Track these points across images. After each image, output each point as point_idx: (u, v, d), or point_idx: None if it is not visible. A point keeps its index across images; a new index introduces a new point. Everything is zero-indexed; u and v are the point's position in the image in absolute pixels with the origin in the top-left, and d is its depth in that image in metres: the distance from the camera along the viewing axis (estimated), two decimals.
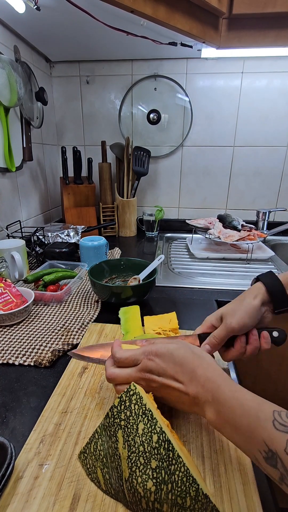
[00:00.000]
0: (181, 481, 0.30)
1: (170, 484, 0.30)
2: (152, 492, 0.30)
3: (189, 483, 0.30)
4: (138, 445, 0.32)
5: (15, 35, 1.05)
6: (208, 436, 0.41)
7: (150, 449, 0.31)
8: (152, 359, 0.39)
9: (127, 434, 0.33)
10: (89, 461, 0.36)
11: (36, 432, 0.41)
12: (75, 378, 0.51)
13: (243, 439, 0.31)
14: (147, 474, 0.31)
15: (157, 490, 0.30)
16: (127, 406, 0.34)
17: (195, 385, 0.36)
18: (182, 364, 0.38)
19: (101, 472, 0.34)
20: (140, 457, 0.31)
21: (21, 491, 0.34)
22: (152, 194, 1.51)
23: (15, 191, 1.10)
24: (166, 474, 0.30)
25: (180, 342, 0.42)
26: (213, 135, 1.37)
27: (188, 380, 0.37)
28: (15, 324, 0.67)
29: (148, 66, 1.31)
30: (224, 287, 0.87)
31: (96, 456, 0.35)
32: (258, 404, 0.32)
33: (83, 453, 0.37)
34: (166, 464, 0.30)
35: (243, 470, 0.36)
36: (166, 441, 0.31)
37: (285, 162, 1.37)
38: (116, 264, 0.88)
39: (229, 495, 0.33)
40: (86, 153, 1.46)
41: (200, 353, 0.40)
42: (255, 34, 0.96)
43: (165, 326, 0.63)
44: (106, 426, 0.35)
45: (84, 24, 0.96)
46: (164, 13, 0.84)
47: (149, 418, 0.33)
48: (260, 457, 0.29)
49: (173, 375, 0.38)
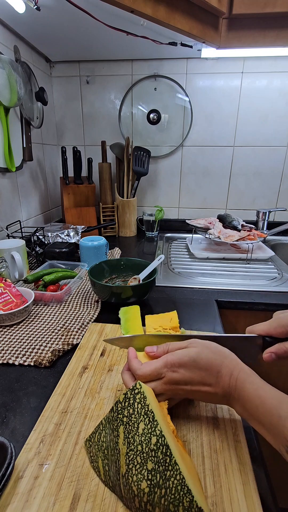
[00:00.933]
0: (175, 488, 0.29)
1: (164, 489, 0.30)
2: (145, 493, 0.30)
3: (183, 492, 0.29)
4: (137, 444, 0.32)
5: (15, 35, 1.05)
6: (208, 436, 0.41)
7: (147, 450, 0.31)
8: (176, 371, 0.39)
9: (128, 431, 0.33)
10: (92, 449, 0.37)
11: (36, 432, 0.41)
12: (75, 378, 0.51)
13: (268, 433, 0.33)
14: (142, 475, 0.31)
15: (151, 492, 0.30)
16: (131, 403, 0.35)
17: (222, 384, 0.37)
18: (208, 368, 0.38)
19: (102, 463, 0.35)
20: (138, 456, 0.31)
21: (21, 491, 0.34)
22: (152, 194, 1.51)
23: (15, 191, 1.10)
24: (161, 478, 0.30)
25: (195, 342, 0.41)
26: (213, 135, 1.37)
27: (215, 382, 0.38)
28: (15, 324, 0.67)
29: (148, 66, 1.31)
30: (224, 287, 0.87)
31: (99, 446, 0.36)
32: (279, 402, 0.33)
33: (88, 441, 0.38)
34: (162, 469, 0.30)
35: (243, 470, 0.36)
36: (164, 446, 0.31)
37: (285, 162, 1.37)
38: (116, 264, 0.88)
39: (229, 495, 0.33)
40: (86, 153, 1.46)
41: (220, 350, 0.40)
42: (255, 34, 0.96)
43: (166, 324, 0.63)
44: (110, 419, 0.36)
45: (84, 24, 0.96)
46: (164, 13, 0.84)
47: (150, 419, 0.33)
48: (283, 450, 0.32)
49: (200, 380, 0.38)
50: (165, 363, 0.39)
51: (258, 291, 0.85)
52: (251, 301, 0.80)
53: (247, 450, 0.39)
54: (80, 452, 0.38)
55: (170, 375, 0.39)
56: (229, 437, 0.41)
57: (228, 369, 0.38)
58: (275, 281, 0.94)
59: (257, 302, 0.80)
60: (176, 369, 0.39)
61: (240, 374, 0.37)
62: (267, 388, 0.35)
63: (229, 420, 0.43)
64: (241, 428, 0.42)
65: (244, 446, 0.39)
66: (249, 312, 0.82)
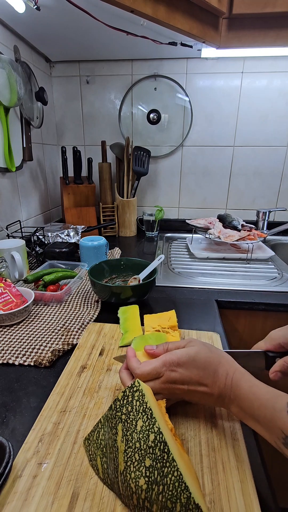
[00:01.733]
0: (173, 485, 0.30)
1: (161, 486, 0.30)
2: (143, 490, 0.30)
3: (181, 489, 0.29)
4: (135, 441, 0.32)
5: (15, 35, 1.05)
6: (206, 434, 0.41)
7: (145, 447, 0.32)
8: (175, 370, 0.39)
9: (126, 429, 0.33)
10: (91, 448, 0.37)
11: (35, 431, 0.41)
12: (74, 378, 0.51)
13: (264, 428, 0.34)
14: (140, 471, 0.31)
15: (148, 489, 0.30)
16: (129, 401, 0.35)
17: (218, 385, 0.38)
18: (205, 367, 0.38)
19: (100, 461, 0.35)
20: (136, 453, 0.32)
21: (20, 490, 0.34)
22: (152, 194, 1.51)
23: (15, 191, 1.11)
24: (159, 475, 0.30)
25: (194, 341, 0.42)
26: (213, 135, 1.38)
27: (212, 382, 0.38)
28: (15, 324, 0.67)
29: (148, 66, 1.32)
30: (224, 287, 0.87)
31: (98, 445, 0.36)
32: (273, 396, 0.34)
33: (87, 439, 0.38)
34: (159, 465, 0.30)
35: (241, 468, 0.36)
36: (162, 442, 0.31)
37: (285, 162, 1.37)
38: (116, 264, 0.88)
39: (227, 492, 0.34)
40: (86, 153, 1.47)
41: (217, 350, 0.41)
42: (255, 34, 0.96)
43: (164, 323, 0.63)
44: (109, 417, 0.36)
45: (84, 24, 0.96)
46: (164, 13, 0.84)
47: (148, 416, 0.33)
48: (279, 443, 0.32)
49: (197, 380, 0.38)
50: (164, 362, 0.39)
51: (258, 291, 0.85)
52: (251, 301, 0.80)
53: (245, 448, 0.39)
54: (79, 451, 0.39)
55: (169, 374, 0.39)
56: (227, 435, 0.41)
57: (224, 369, 0.38)
58: (275, 281, 0.94)
59: (257, 302, 0.80)
60: (175, 368, 0.39)
61: (235, 374, 0.38)
62: (261, 385, 0.36)
63: (227, 418, 0.43)
64: (239, 427, 0.42)
65: (242, 444, 0.39)
66: (249, 312, 0.82)
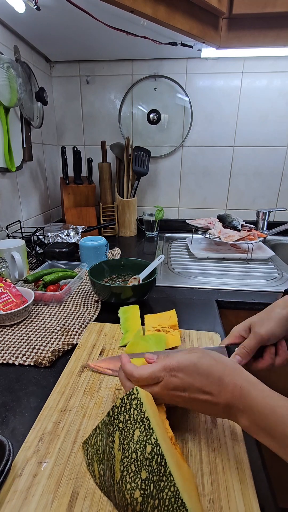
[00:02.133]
0: (169, 500, 0.28)
1: (157, 500, 0.29)
2: (138, 503, 0.29)
3: (177, 505, 0.28)
4: (132, 451, 0.31)
5: (15, 35, 1.05)
6: (206, 434, 0.41)
7: (142, 458, 0.30)
8: (175, 375, 0.37)
9: (123, 437, 0.32)
10: (89, 452, 0.37)
11: (35, 430, 0.41)
12: (74, 377, 0.51)
13: (279, 445, 0.31)
14: (136, 483, 0.30)
15: (144, 502, 0.29)
16: (127, 409, 0.34)
17: (224, 394, 0.35)
18: (208, 374, 0.36)
19: (97, 467, 0.35)
20: (132, 464, 0.31)
21: (20, 488, 0.34)
22: (152, 194, 1.51)
23: (15, 191, 1.11)
24: (155, 488, 0.29)
25: (198, 350, 0.40)
26: (213, 135, 1.38)
27: (217, 390, 0.35)
28: (15, 324, 0.67)
29: (148, 66, 1.32)
30: (224, 287, 0.87)
31: (95, 450, 0.36)
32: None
33: (85, 443, 0.38)
34: (156, 479, 0.29)
35: (241, 468, 0.36)
36: (159, 455, 0.30)
37: (285, 162, 1.37)
38: (116, 264, 0.88)
39: (226, 493, 0.34)
40: (86, 153, 1.47)
41: (223, 359, 0.38)
42: (255, 34, 0.96)
43: (165, 323, 0.63)
44: (107, 423, 0.35)
45: (84, 24, 0.96)
46: (164, 13, 0.84)
47: (145, 426, 0.32)
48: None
49: (200, 387, 0.36)
50: (163, 367, 0.37)
51: (258, 291, 0.85)
52: (251, 301, 0.80)
53: (245, 449, 0.39)
54: (79, 451, 0.39)
55: (168, 379, 0.37)
56: (227, 436, 0.41)
57: (231, 378, 0.35)
58: (275, 281, 0.94)
59: (257, 302, 0.80)
60: (175, 373, 0.37)
61: (244, 383, 0.35)
62: (276, 396, 0.33)
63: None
64: (239, 427, 0.42)
65: (241, 445, 0.39)
66: (249, 312, 0.81)
